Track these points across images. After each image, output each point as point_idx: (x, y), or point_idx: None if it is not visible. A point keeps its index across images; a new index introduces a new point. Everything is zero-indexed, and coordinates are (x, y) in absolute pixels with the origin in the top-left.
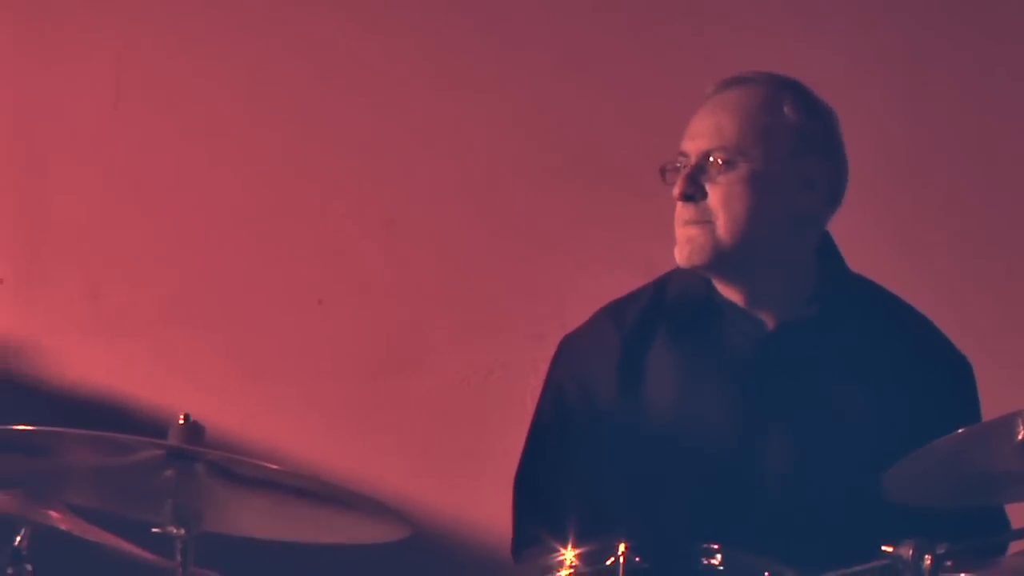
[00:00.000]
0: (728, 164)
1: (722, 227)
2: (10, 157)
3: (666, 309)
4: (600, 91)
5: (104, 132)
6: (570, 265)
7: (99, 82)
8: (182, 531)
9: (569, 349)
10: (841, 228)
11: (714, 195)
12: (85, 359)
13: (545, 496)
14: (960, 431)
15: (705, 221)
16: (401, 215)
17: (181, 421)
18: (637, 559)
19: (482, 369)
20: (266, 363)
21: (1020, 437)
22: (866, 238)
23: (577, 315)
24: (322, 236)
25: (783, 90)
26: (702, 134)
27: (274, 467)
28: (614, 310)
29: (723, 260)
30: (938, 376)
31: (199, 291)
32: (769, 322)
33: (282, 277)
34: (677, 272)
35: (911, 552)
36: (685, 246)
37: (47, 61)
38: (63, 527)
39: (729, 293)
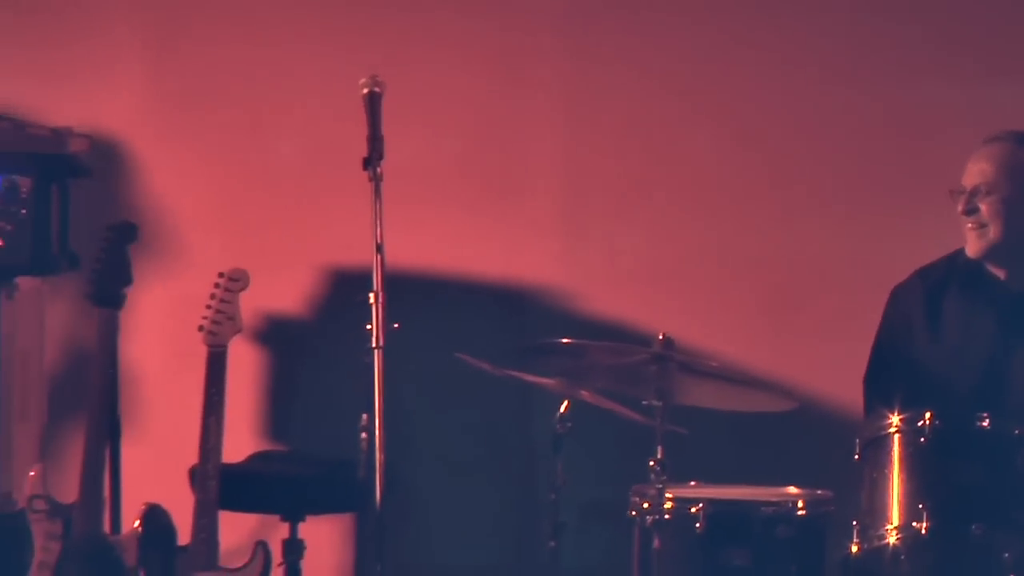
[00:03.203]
0: (988, 194)
1: (991, 232)
2: (561, 170)
3: (955, 274)
4: (918, 140)
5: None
6: (897, 241)
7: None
8: (660, 403)
9: (896, 295)
10: None
11: (984, 211)
12: (609, 298)
13: (882, 384)
14: None
15: (981, 226)
16: (801, 214)
17: (660, 337)
18: (937, 422)
19: (845, 308)
20: (715, 298)
21: None
22: None
23: (902, 274)
24: (739, 215)
25: (1022, 144)
26: (973, 174)
27: (714, 364)
28: (923, 272)
29: (992, 253)
30: None
31: (680, 254)
32: (1017, 288)
33: (728, 247)
34: (963, 250)
35: None
36: (973, 245)
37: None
38: (589, 400)
39: (994, 269)
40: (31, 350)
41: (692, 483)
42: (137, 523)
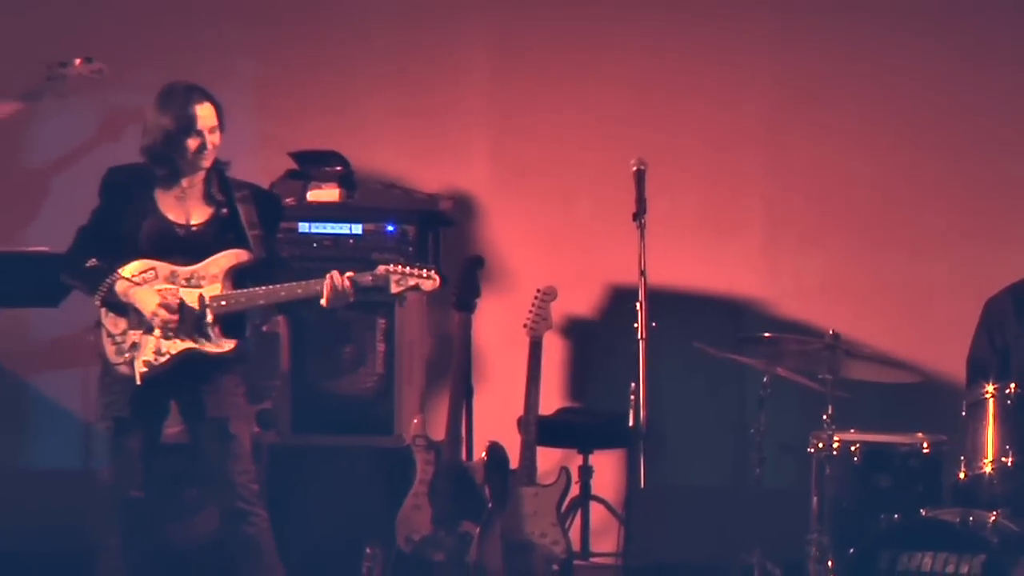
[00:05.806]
0: None
1: None
2: (763, 217)
3: None
4: (1015, 198)
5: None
6: (993, 266)
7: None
8: (830, 377)
9: (990, 305)
10: None
11: None
12: (796, 306)
13: (978, 366)
14: None
15: None
16: (930, 247)
17: (831, 332)
18: (1020, 390)
19: (956, 312)
20: (868, 305)
21: None
22: None
23: (996, 289)
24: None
25: None
26: None
27: (868, 350)
28: (1013, 287)
29: None
30: None
31: (846, 275)
32: None
33: (879, 269)
34: None
35: None
36: None
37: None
38: (782, 374)
39: None
40: (415, 339)
41: (852, 430)
42: (484, 454)
